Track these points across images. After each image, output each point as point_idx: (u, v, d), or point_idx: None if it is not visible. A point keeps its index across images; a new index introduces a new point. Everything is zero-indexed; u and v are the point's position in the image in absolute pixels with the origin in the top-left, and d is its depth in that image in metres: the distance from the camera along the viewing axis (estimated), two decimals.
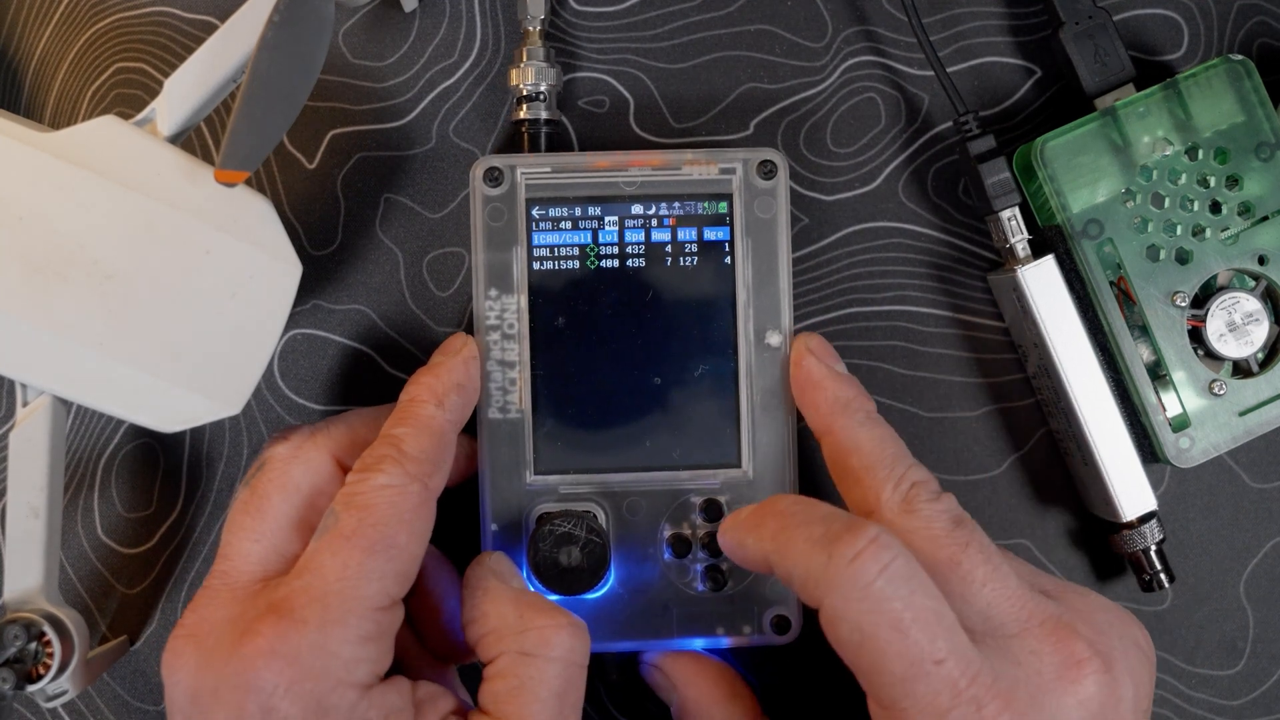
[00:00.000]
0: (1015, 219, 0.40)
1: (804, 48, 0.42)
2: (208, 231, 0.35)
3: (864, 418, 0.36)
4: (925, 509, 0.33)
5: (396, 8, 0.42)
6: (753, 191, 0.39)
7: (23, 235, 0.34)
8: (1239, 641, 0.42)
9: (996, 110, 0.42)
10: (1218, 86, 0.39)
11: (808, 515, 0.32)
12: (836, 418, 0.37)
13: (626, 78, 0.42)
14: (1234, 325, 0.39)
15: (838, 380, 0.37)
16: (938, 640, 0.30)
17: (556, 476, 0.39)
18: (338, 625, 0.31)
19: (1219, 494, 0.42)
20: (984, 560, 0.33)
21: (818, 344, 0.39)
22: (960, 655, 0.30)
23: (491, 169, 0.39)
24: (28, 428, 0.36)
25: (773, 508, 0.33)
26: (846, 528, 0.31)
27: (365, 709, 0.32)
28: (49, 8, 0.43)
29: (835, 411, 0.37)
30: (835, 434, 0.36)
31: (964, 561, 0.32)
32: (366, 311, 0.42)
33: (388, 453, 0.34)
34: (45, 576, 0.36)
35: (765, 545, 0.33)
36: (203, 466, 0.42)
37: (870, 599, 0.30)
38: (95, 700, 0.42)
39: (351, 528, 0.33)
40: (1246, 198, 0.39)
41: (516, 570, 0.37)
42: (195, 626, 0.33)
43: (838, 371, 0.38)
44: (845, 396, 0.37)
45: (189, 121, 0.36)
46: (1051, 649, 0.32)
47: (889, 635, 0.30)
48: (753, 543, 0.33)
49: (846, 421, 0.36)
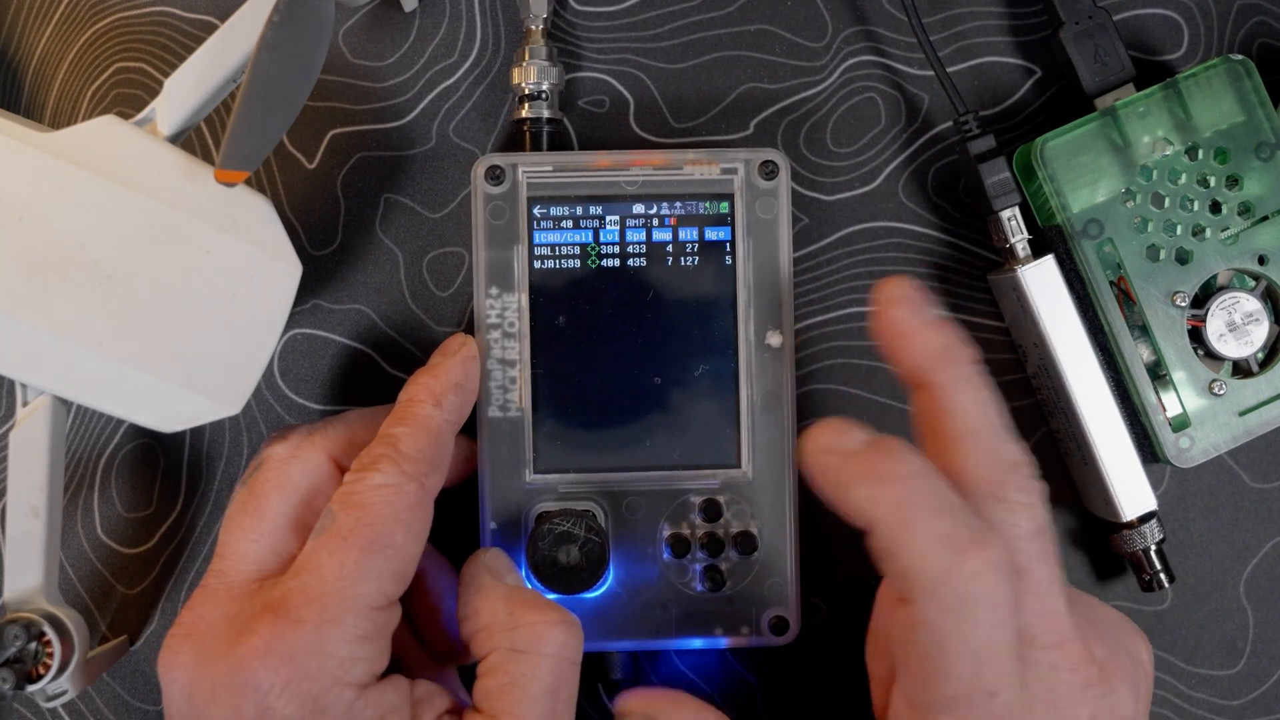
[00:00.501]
0: (1015, 219, 0.40)
1: (804, 48, 0.42)
2: (208, 231, 0.35)
3: (968, 373, 0.33)
4: (1016, 500, 0.31)
5: (396, 8, 0.42)
6: (754, 192, 0.39)
7: (23, 235, 0.34)
8: (1239, 641, 0.42)
9: (996, 110, 0.42)
10: (1218, 86, 0.39)
11: (937, 500, 0.30)
12: (934, 372, 0.33)
13: (627, 77, 0.42)
14: (1234, 325, 0.39)
15: (930, 328, 0.33)
16: (1001, 674, 0.30)
17: (556, 475, 0.39)
18: (334, 625, 0.31)
19: (1219, 494, 0.42)
20: (1048, 576, 0.32)
21: (903, 288, 0.34)
22: (1012, 690, 0.30)
23: (493, 167, 0.39)
24: (28, 428, 0.36)
25: (899, 466, 0.31)
26: (974, 540, 0.30)
27: (362, 708, 0.32)
28: (49, 8, 0.43)
29: (932, 365, 0.33)
30: (931, 391, 0.33)
31: (1034, 571, 0.32)
32: (366, 311, 0.42)
33: (385, 452, 0.34)
34: (45, 576, 0.36)
35: (880, 509, 0.30)
36: (203, 466, 0.42)
37: (966, 622, 0.30)
38: (95, 700, 0.42)
39: (348, 527, 0.32)
40: (1246, 198, 0.39)
41: (513, 566, 0.37)
42: (192, 626, 0.33)
43: (930, 316, 0.34)
44: (943, 346, 0.33)
45: (189, 121, 0.36)
46: (1069, 665, 0.32)
47: (966, 660, 0.30)
48: (865, 498, 0.31)
49: (945, 378, 0.33)
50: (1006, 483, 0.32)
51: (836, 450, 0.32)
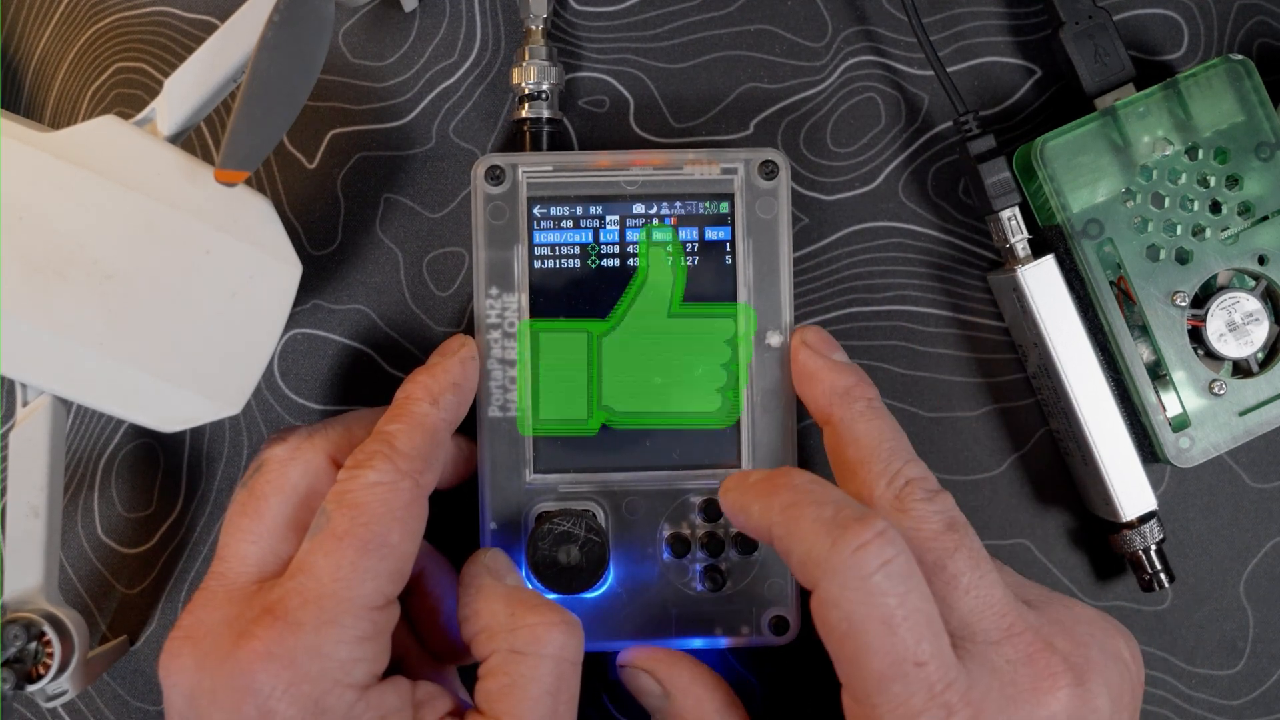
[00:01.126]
0: (1015, 219, 0.40)
1: (804, 48, 0.42)
2: (208, 231, 0.35)
3: (864, 408, 0.36)
4: (918, 508, 0.33)
5: (396, 8, 0.42)
6: (754, 192, 0.39)
7: (23, 235, 0.34)
8: (1239, 641, 0.42)
9: (996, 110, 0.42)
10: (1218, 86, 0.39)
11: (821, 496, 0.32)
12: (834, 408, 0.36)
13: (627, 77, 0.42)
14: (1234, 325, 0.39)
15: (834, 370, 0.37)
16: (923, 643, 0.30)
17: (556, 475, 0.39)
18: (333, 626, 0.31)
19: (1219, 494, 0.42)
20: (972, 566, 0.33)
21: (814, 336, 0.38)
22: (941, 660, 0.30)
23: (493, 167, 0.39)
24: (28, 428, 0.36)
25: (787, 480, 0.33)
26: (857, 517, 0.31)
27: (363, 710, 0.32)
28: (49, 8, 0.43)
29: (833, 402, 0.36)
30: (833, 425, 0.36)
31: (950, 566, 0.33)
32: (366, 311, 0.42)
33: (379, 449, 0.34)
34: (45, 576, 0.36)
35: (773, 516, 0.32)
36: (203, 466, 0.42)
37: (866, 591, 0.30)
38: (95, 700, 0.42)
39: (344, 527, 0.32)
40: (1246, 198, 0.39)
41: (513, 566, 0.37)
42: (192, 628, 0.33)
43: (835, 360, 0.38)
44: (843, 385, 0.37)
45: (189, 121, 0.36)
46: (1026, 660, 0.32)
47: (877, 630, 0.30)
48: (759, 510, 0.33)
49: (844, 412, 0.36)
50: (906, 495, 0.34)
51: (738, 486, 0.34)
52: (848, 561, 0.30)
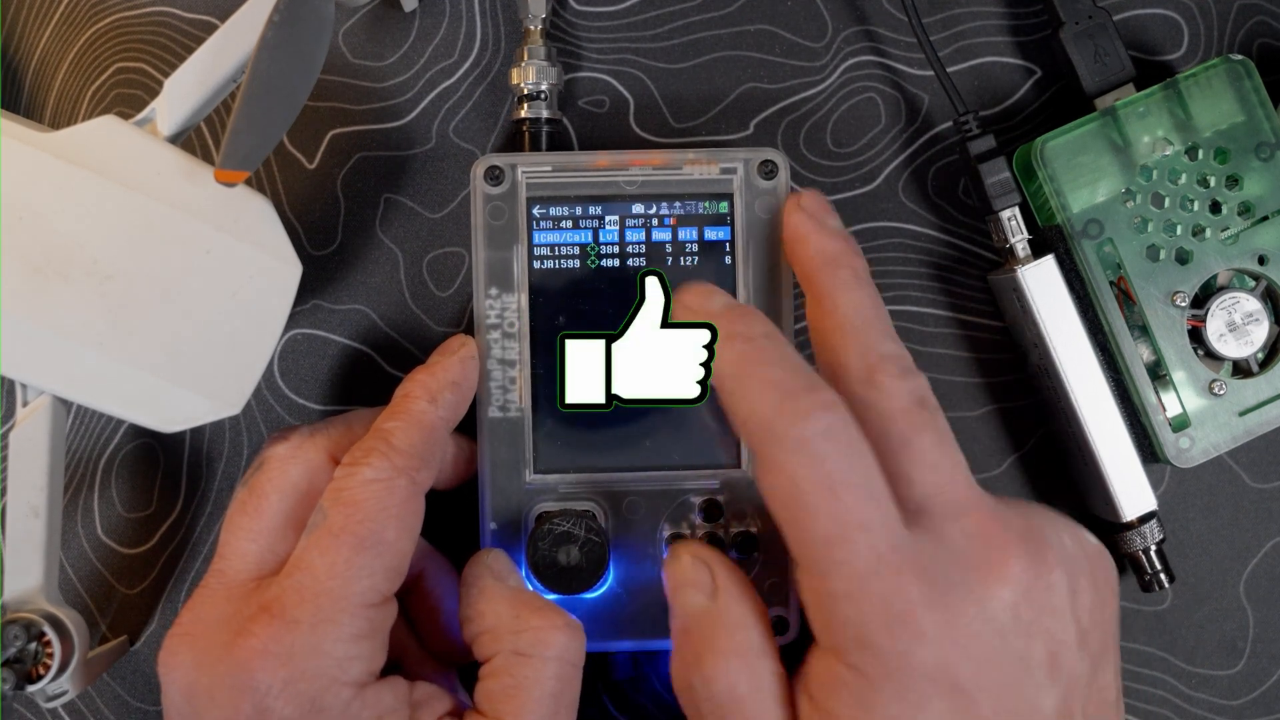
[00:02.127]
0: (1015, 219, 0.40)
1: (804, 48, 0.42)
2: (208, 231, 0.35)
3: (848, 276, 0.34)
4: (889, 383, 0.32)
5: (396, 8, 0.42)
6: (754, 191, 0.39)
7: (23, 235, 0.34)
8: (1239, 641, 0.42)
9: (996, 110, 0.42)
10: (1218, 86, 0.39)
11: (776, 357, 0.32)
12: (817, 273, 0.35)
13: (626, 78, 0.42)
14: (1234, 325, 0.39)
15: (824, 234, 0.35)
16: (867, 508, 0.30)
17: (556, 475, 0.39)
18: (330, 624, 0.31)
19: (1219, 494, 0.42)
20: (936, 444, 0.32)
21: (810, 199, 0.36)
22: (887, 526, 0.30)
23: (492, 167, 0.39)
24: (28, 428, 0.36)
25: (745, 329, 0.32)
26: (806, 386, 0.31)
27: (359, 708, 0.32)
28: (49, 8, 0.43)
29: (817, 267, 0.35)
30: (815, 291, 0.35)
31: (916, 441, 0.32)
32: (366, 311, 0.42)
33: (376, 445, 0.34)
34: (45, 576, 0.36)
35: (721, 364, 0.32)
36: (203, 466, 0.42)
37: (808, 454, 0.30)
38: (95, 700, 0.42)
39: (340, 525, 0.32)
40: (1246, 198, 0.39)
41: (514, 567, 0.37)
42: (191, 626, 0.33)
43: (827, 224, 0.36)
44: (831, 251, 0.35)
45: (189, 121, 0.36)
46: (981, 535, 0.31)
47: (820, 494, 0.30)
48: None
49: (827, 280, 0.34)
50: (877, 368, 0.32)
51: (700, 311, 0.33)
52: (791, 425, 0.30)
